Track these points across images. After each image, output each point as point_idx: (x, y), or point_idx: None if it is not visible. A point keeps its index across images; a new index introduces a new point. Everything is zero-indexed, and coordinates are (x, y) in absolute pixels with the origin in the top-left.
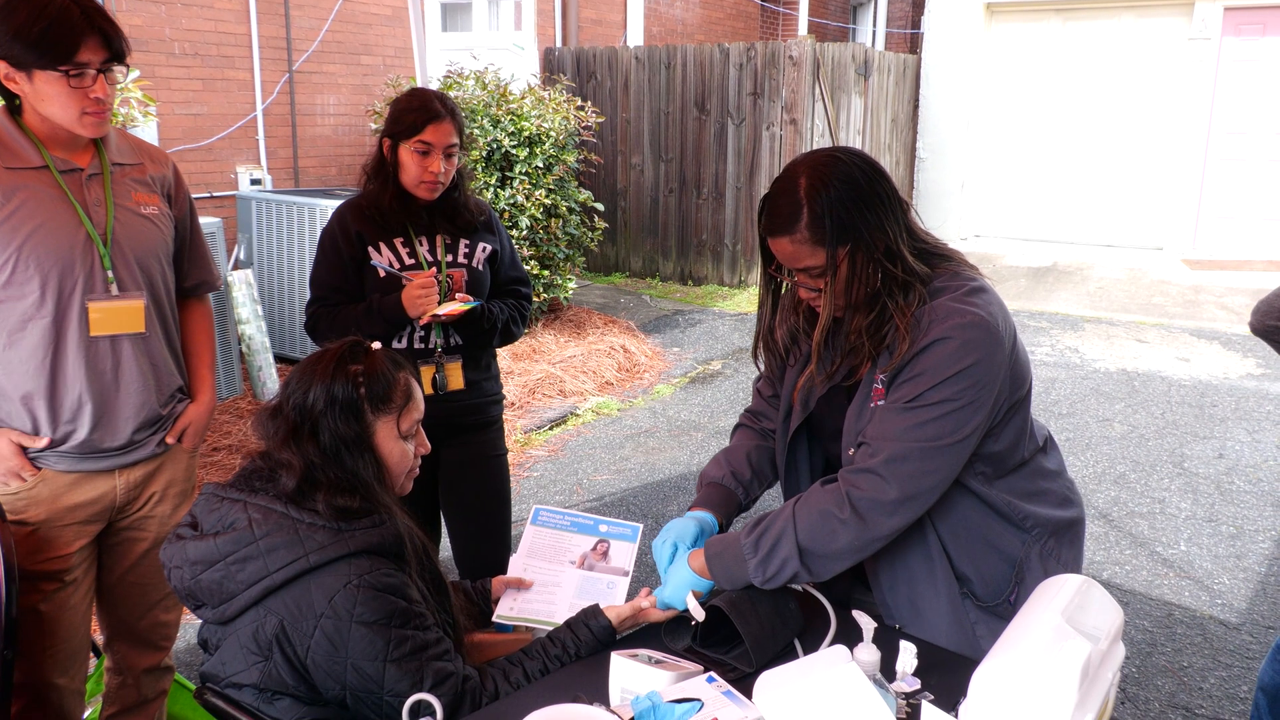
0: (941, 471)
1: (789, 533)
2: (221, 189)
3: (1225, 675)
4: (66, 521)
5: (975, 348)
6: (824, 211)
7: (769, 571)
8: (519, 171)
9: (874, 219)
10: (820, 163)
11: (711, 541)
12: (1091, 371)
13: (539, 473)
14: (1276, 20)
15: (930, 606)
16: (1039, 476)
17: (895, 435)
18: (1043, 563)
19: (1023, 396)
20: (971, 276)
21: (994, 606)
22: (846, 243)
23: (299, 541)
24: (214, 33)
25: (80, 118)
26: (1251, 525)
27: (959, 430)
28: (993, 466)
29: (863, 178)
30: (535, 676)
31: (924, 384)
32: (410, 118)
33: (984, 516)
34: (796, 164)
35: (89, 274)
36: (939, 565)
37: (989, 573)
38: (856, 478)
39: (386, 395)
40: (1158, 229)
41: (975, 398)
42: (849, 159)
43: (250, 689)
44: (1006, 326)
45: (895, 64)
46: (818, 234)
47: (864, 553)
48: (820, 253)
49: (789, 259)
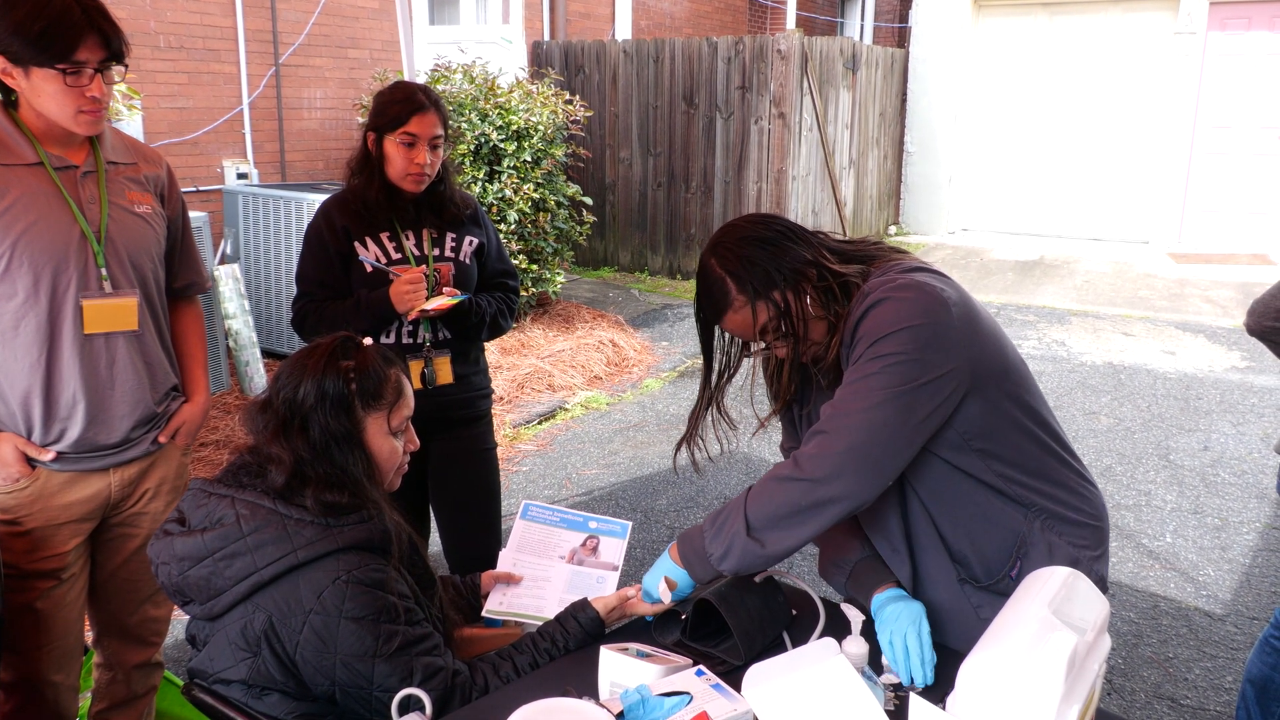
0: (891, 425)
1: (740, 504)
2: (207, 183)
3: (1210, 666)
4: (62, 520)
5: (913, 305)
6: (742, 270)
7: (721, 546)
8: (507, 165)
9: (786, 252)
10: (718, 241)
11: (687, 529)
12: (1078, 365)
13: (528, 467)
14: (1262, 15)
15: (929, 603)
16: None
17: (842, 392)
18: (1044, 536)
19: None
20: (910, 261)
21: (995, 584)
22: (775, 284)
23: (287, 537)
24: (199, 26)
25: (76, 116)
26: (1236, 517)
27: (907, 382)
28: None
29: (755, 229)
30: (525, 670)
31: (866, 342)
32: (394, 109)
33: (977, 492)
34: (703, 253)
35: (83, 271)
36: (936, 556)
37: (988, 550)
38: (808, 442)
39: (377, 391)
40: (1144, 223)
41: (920, 355)
42: (740, 221)
43: (239, 685)
44: (956, 294)
45: (883, 58)
46: (749, 292)
47: (814, 515)
48: (760, 306)
49: (745, 328)
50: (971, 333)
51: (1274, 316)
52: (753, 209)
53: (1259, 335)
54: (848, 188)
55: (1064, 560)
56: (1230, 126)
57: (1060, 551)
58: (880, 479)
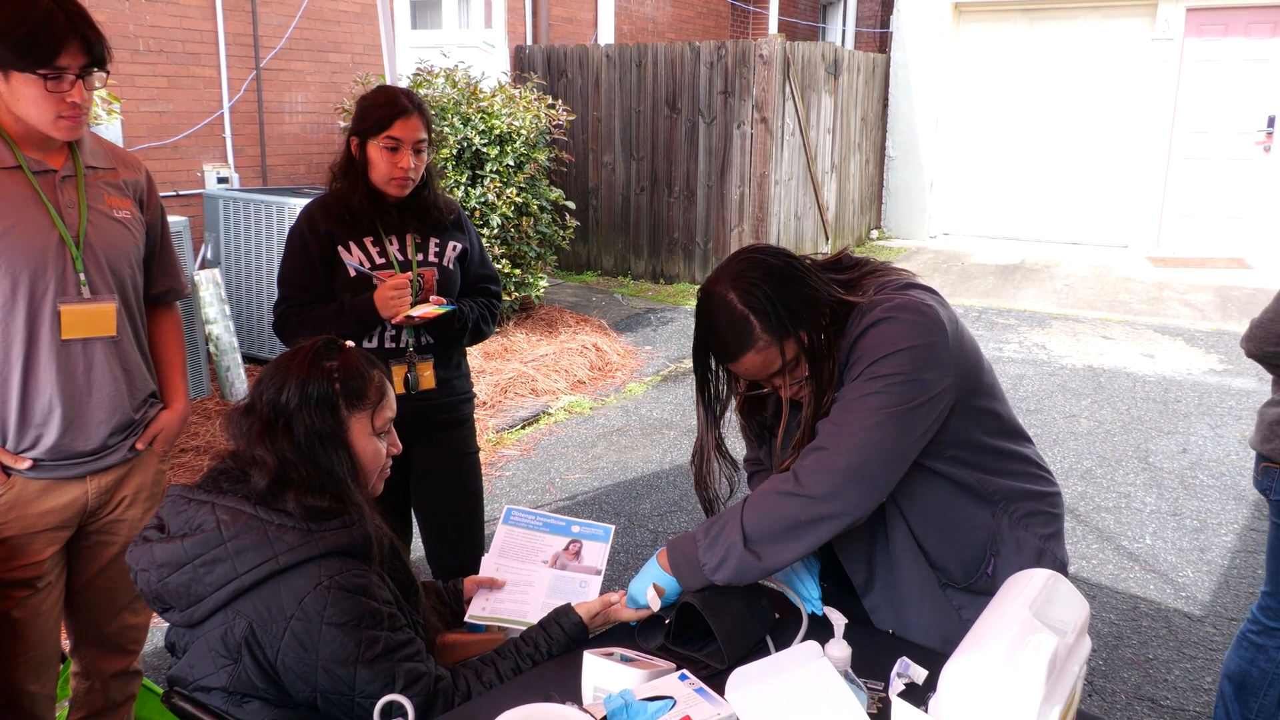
0: (888, 444)
1: (736, 516)
2: (188, 187)
3: (1190, 667)
4: (38, 528)
5: (912, 327)
6: (769, 309)
7: (715, 556)
8: (490, 170)
9: (806, 290)
10: (738, 272)
11: (676, 536)
12: (1059, 368)
13: (511, 472)
14: (1238, 21)
15: (916, 609)
16: (1014, 459)
17: (842, 410)
18: (1013, 531)
19: (985, 381)
20: (902, 276)
21: (973, 584)
22: (801, 324)
23: (268, 543)
24: (179, 29)
25: (55, 121)
26: (1214, 519)
27: (904, 402)
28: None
29: (777, 262)
30: (507, 676)
31: (865, 361)
32: (378, 114)
33: (952, 497)
34: (714, 283)
35: (61, 276)
36: (918, 567)
37: (964, 554)
38: (806, 457)
39: (361, 391)
40: (1123, 227)
41: (919, 375)
42: (757, 255)
43: (219, 692)
44: (946, 313)
45: (865, 63)
46: (775, 332)
47: (812, 530)
48: (788, 345)
49: (760, 370)
50: (959, 350)
51: (1274, 341)
52: (735, 214)
53: (1259, 360)
54: (830, 192)
55: (1031, 552)
56: (1207, 131)
57: (1028, 545)
58: (878, 496)
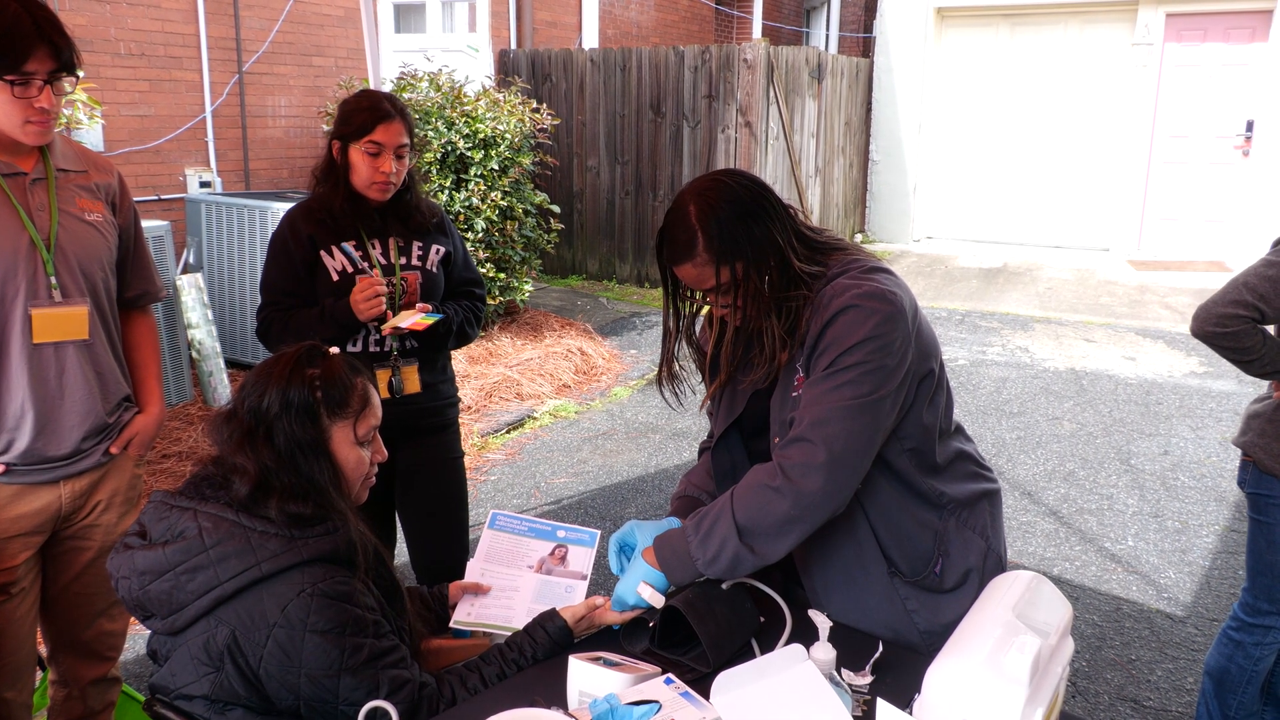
0: (864, 432)
1: (726, 510)
2: (170, 191)
3: (1172, 667)
4: (11, 534)
5: (878, 315)
6: (716, 232)
7: (709, 551)
8: (474, 174)
9: (762, 230)
10: (706, 188)
11: (663, 533)
12: (1041, 371)
13: (496, 476)
14: (1217, 26)
15: (863, 589)
16: (953, 457)
17: (816, 401)
18: (960, 533)
19: (933, 370)
20: (868, 260)
21: (921, 580)
22: (743, 256)
23: (250, 550)
24: (160, 33)
25: (23, 126)
26: (1196, 520)
27: (876, 390)
28: (918, 442)
29: (746, 195)
30: (493, 681)
31: (835, 350)
32: (360, 118)
33: (905, 498)
34: (685, 193)
35: (31, 279)
36: (868, 548)
37: (913, 550)
38: (787, 449)
39: (343, 400)
40: (1104, 230)
41: (885, 362)
42: (731, 180)
43: (201, 700)
44: (909, 300)
45: (848, 67)
46: (715, 254)
47: (803, 523)
48: (723, 270)
49: (695, 282)
50: (918, 336)
51: (1215, 322)
52: None
53: (1202, 339)
54: (814, 196)
55: (977, 552)
56: (1187, 136)
57: (974, 545)
58: (856, 481)
